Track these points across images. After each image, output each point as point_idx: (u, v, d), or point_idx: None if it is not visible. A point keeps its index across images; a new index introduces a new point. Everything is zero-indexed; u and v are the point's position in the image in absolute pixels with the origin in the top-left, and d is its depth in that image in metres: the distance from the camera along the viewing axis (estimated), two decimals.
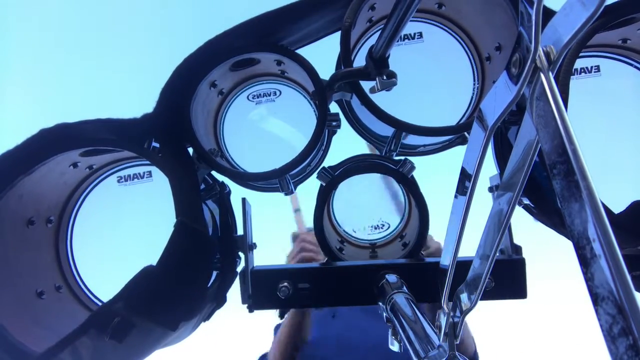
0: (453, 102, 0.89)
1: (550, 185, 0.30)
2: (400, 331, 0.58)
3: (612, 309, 0.24)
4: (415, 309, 0.61)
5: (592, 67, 0.79)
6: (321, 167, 0.89)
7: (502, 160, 0.83)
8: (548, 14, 0.32)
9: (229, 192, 0.92)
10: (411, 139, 0.83)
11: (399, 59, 0.72)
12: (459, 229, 0.43)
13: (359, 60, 0.77)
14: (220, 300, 0.83)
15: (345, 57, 0.75)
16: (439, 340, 0.50)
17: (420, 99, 0.90)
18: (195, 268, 0.70)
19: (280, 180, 0.83)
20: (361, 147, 0.98)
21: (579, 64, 0.78)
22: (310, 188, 0.92)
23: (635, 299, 0.23)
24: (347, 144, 0.99)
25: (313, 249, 1.23)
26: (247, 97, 0.94)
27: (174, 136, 0.76)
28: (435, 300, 0.54)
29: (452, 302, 0.47)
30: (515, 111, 0.71)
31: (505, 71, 0.35)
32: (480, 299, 0.43)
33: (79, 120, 0.68)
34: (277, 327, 1.60)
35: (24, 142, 0.66)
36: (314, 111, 0.89)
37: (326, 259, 0.88)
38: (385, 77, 0.69)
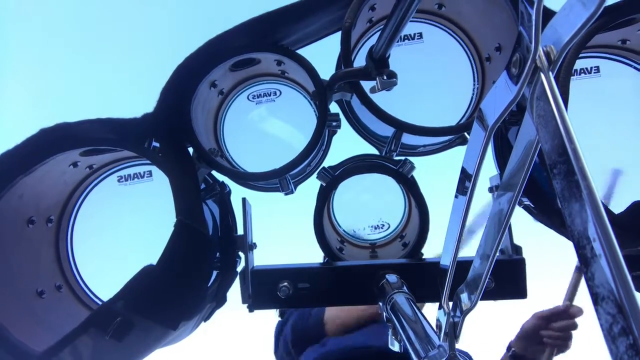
0: (453, 103, 0.89)
1: (550, 185, 0.30)
2: (400, 331, 0.58)
3: (612, 309, 0.24)
4: (415, 309, 0.61)
5: (592, 68, 0.79)
6: (321, 167, 0.89)
7: (502, 160, 0.83)
8: (548, 14, 0.32)
9: (229, 192, 0.92)
10: (411, 139, 0.83)
11: (399, 59, 0.72)
12: (459, 229, 0.43)
13: (359, 61, 0.77)
14: (220, 300, 0.83)
15: (345, 57, 0.75)
16: (439, 340, 0.50)
17: (420, 99, 0.90)
18: (195, 268, 0.70)
19: (280, 180, 0.83)
20: (361, 147, 0.98)
21: (579, 64, 0.78)
22: (310, 188, 0.92)
23: (635, 299, 0.23)
24: (347, 144, 0.99)
25: None
26: (247, 97, 0.94)
27: (174, 136, 0.76)
28: (435, 300, 0.54)
29: (452, 302, 0.48)
30: (515, 111, 0.71)
31: (505, 71, 0.35)
32: (480, 299, 0.44)
33: (79, 120, 0.68)
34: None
35: (24, 141, 0.66)
36: (314, 111, 0.89)
37: (326, 258, 0.88)
38: (385, 77, 0.69)
